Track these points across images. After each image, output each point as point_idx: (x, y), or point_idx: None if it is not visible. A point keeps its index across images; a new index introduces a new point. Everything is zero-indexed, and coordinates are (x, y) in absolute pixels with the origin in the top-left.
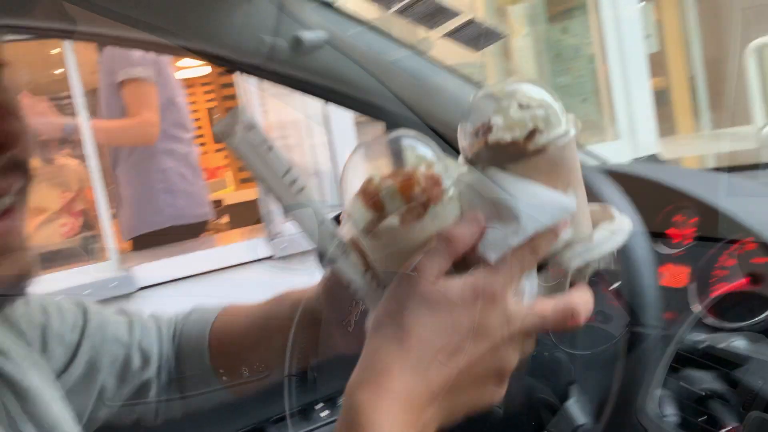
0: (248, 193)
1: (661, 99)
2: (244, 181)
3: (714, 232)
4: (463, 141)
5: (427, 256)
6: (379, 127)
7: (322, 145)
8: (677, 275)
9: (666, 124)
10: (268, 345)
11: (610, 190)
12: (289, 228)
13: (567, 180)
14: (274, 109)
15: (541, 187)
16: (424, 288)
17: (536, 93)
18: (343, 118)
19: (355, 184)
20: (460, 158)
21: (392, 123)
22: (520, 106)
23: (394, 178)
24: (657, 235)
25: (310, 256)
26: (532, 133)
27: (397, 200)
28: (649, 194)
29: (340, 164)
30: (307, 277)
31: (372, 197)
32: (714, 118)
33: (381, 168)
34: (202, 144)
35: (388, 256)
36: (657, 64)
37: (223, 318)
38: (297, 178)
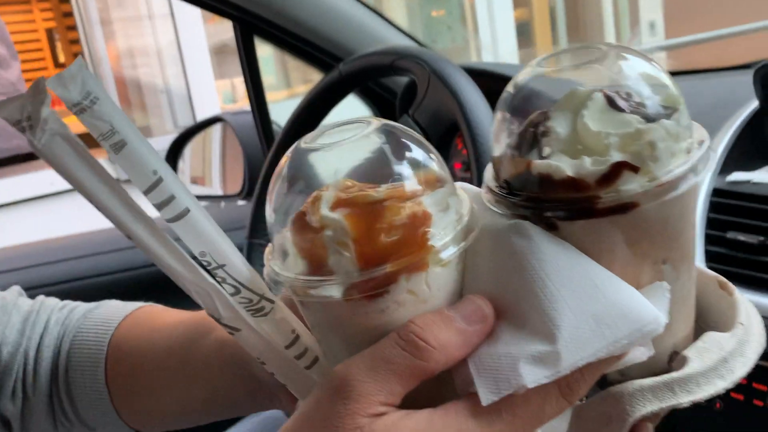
0: None
1: (523, 30)
2: None
3: None
4: (496, 149)
5: (373, 366)
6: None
7: (175, 75)
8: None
9: (527, 51)
10: (188, 387)
11: (469, 87)
12: None
13: (666, 257)
14: (123, 35)
15: (609, 275)
16: (353, 422)
17: (648, 80)
18: (198, 46)
19: (287, 201)
20: (484, 186)
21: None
22: (611, 104)
23: (351, 205)
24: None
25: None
26: (616, 170)
27: (348, 252)
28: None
29: (195, 97)
30: None
31: (307, 237)
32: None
33: (340, 177)
34: (41, 69)
35: (324, 335)
36: None
37: (130, 327)
38: (167, 193)
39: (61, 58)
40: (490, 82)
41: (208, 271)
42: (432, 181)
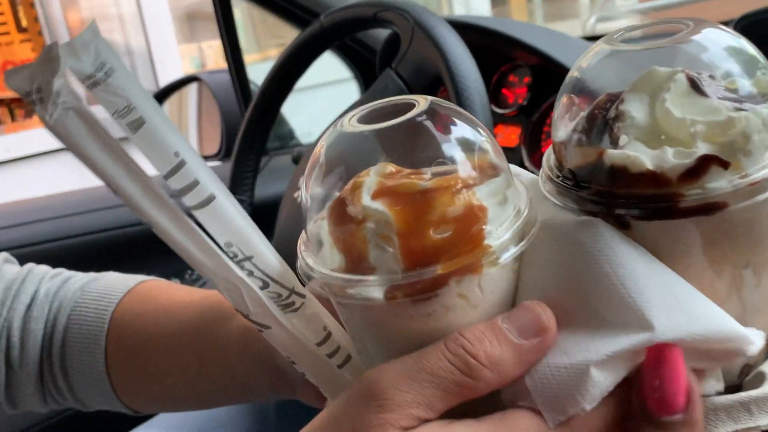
0: None
1: None
2: None
3: (547, 89)
4: (560, 133)
5: (415, 376)
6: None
7: (137, 40)
8: (509, 135)
9: (501, 9)
10: (203, 373)
11: (453, 40)
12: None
13: (748, 261)
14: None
15: (690, 289)
16: None
17: (739, 61)
18: (160, 10)
19: (324, 186)
20: (542, 174)
21: None
22: (695, 88)
23: (396, 194)
24: (492, 95)
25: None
26: (703, 165)
27: (391, 247)
28: (487, 46)
29: (157, 62)
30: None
31: (346, 228)
32: (546, 13)
33: (384, 162)
34: (3, 33)
35: (361, 335)
36: None
37: (134, 303)
38: (191, 177)
39: (24, 23)
40: (474, 35)
41: (236, 264)
42: (487, 169)
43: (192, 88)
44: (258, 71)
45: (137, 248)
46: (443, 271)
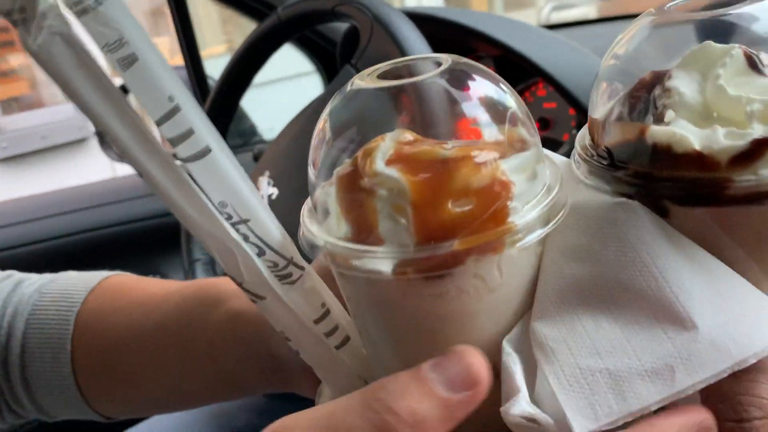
0: None
1: None
2: None
3: (511, 80)
4: (598, 109)
5: (422, 376)
6: None
7: None
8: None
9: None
10: (185, 369)
11: (412, 34)
12: (14, 123)
13: None
14: None
15: (741, 281)
16: None
17: None
18: None
19: (333, 150)
20: (575, 154)
21: None
22: (752, 66)
23: (413, 162)
24: None
25: (47, 157)
26: (757, 148)
27: (404, 219)
28: (448, 38)
29: None
30: (43, 180)
31: (356, 196)
32: (506, 2)
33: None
34: None
35: (363, 313)
36: None
37: (100, 302)
38: (186, 125)
39: None
40: (435, 27)
41: (230, 225)
42: (516, 141)
43: None
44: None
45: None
46: (461, 247)
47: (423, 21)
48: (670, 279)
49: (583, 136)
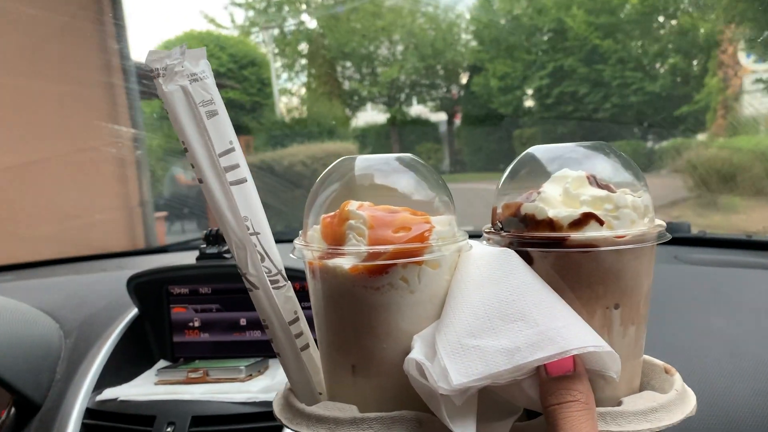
0: None
1: None
2: None
3: None
4: (500, 197)
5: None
6: None
7: None
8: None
9: None
10: None
11: None
12: None
13: (616, 300)
14: None
15: (561, 304)
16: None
17: (619, 174)
18: None
19: (318, 201)
20: (483, 232)
21: None
22: (590, 183)
23: (373, 210)
24: None
25: None
26: (584, 218)
27: (363, 239)
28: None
29: None
30: None
31: (334, 230)
32: None
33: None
34: None
35: (323, 306)
36: None
37: None
38: (235, 161)
39: None
40: None
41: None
42: (440, 211)
43: None
44: None
45: None
46: (394, 250)
47: None
48: (528, 296)
49: (488, 226)
